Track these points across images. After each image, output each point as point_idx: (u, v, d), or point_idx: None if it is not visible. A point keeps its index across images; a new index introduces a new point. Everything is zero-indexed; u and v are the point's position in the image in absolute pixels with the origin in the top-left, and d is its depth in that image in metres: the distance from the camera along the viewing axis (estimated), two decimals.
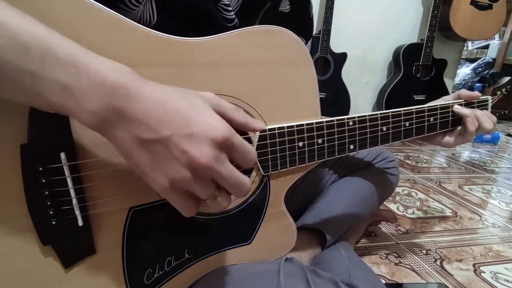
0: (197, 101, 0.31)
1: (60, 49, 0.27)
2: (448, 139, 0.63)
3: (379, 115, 0.53)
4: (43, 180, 0.32)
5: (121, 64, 0.29)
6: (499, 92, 0.67)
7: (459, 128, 0.62)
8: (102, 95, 0.27)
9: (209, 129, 0.29)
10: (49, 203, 0.33)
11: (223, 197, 0.32)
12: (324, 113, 0.50)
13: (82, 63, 0.27)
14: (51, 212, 0.33)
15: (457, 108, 0.60)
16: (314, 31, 1.89)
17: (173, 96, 0.30)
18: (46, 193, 0.33)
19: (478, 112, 0.60)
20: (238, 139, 0.31)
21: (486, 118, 0.60)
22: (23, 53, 0.25)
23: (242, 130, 0.35)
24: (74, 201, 0.34)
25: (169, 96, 0.30)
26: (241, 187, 0.31)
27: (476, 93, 0.61)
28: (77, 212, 0.34)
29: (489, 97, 0.64)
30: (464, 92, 0.62)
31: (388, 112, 0.54)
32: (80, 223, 0.35)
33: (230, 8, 0.47)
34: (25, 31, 0.26)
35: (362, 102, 2.20)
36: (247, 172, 0.46)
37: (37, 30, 0.26)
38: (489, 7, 2.01)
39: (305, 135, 0.47)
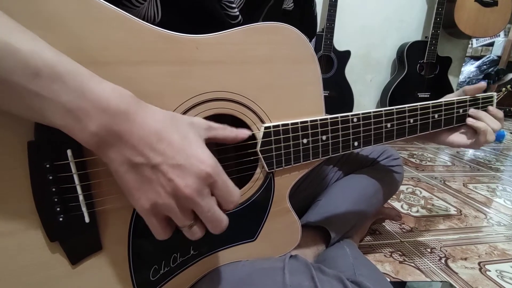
0: (191, 133, 0.33)
1: (69, 76, 0.28)
2: (453, 139, 0.62)
3: (383, 112, 0.53)
4: (50, 177, 0.33)
5: (123, 88, 0.31)
6: (504, 89, 0.66)
7: (466, 131, 0.62)
8: (104, 118, 0.29)
9: (197, 163, 0.31)
10: (56, 199, 0.33)
11: (198, 228, 0.34)
12: (327, 111, 0.50)
13: (87, 88, 0.29)
14: (58, 209, 0.33)
15: (471, 122, 0.60)
16: (318, 29, 1.89)
17: (168, 126, 0.32)
18: (53, 189, 0.33)
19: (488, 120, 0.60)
20: (222, 177, 0.33)
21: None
22: (31, 77, 0.27)
23: (235, 143, 0.39)
24: (81, 197, 0.34)
25: (166, 125, 0.32)
26: (216, 224, 0.34)
27: (481, 83, 0.61)
28: (84, 209, 0.35)
29: (494, 94, 0.64)
30: (468, 87, 0.62)
31: (393, 109, 0.53)
32: (87, 219, 0.35)
33: (234, 5, 0.48)
34: (35, 56, 0.27)
35: (366, 100, 2.19)
36: (250, 169, 0.46)
37: (47, 55, 0.28)
38: (494, 4, 1.99)
39: (309, 131, 0.47)
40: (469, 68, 3.46)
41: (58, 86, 0.28)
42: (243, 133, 0.40)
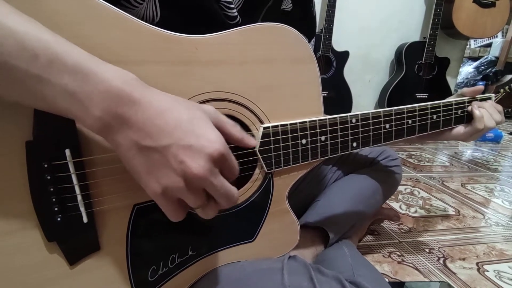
0: (198, 113, 0.32)
1: (67, 56, 0.27)
2: (454, 132, 0.63)
3: (382, 113, 0.53)
4: (48, 177, 0.33)
5: (127, 71, 0.30)
6: (502, 90, 0.67)
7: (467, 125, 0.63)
8: (107, 101, 0.28)
9: (207, 143, 0.30)
10: (54, 199, 0.33)
11: (211, 207, 0.34)
12: (326, 111, 0.50)
13: (89, 70, 0.28)
14: (56, 209, 0.33)
15: (474, 107, 0.61)
16: (316, 30, 1.89)
17: (176, 107, 0.31)
18: (51, 189, 0.33)
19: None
20: (231, 156, 0.33)
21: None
22: (31, 59, 0.26)
23: (237, 144, 0.39)
24: (79, 197, 0.34)
25: (172, 106, 0.31)
26: (230, 198, 0.34)
27: (478, 87, 0.62)
28: (82, 209, 0.35)
29: (492, 95, 0.64)
30: (467, 89, 0.62)
31: (391, 110, 0.54)
32: (85, 219, 0.35)
33: (232, 6, 0.48)
34: (33, 37, 0.26)
35: (364, 101, 2.20)
36: (249, 170, 0.46)
37: (45, 36, 0.27)
38: (492, 4, 2.00)
39: (308, 132, 0.47)
40: (467, 69, 3.48)
41: (57, 67, 0.27)
42: (251, 141, 0.39)
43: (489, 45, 3.37)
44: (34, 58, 0.26)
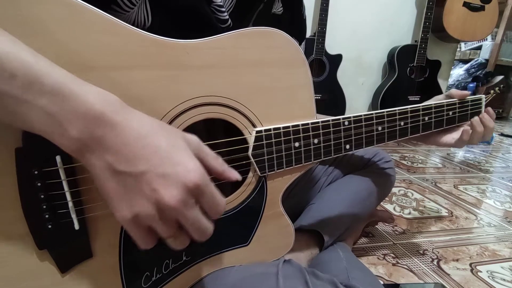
0: (178, 141, 0.31)
1: (48, 77, 0.27)
2: (447, 139, 0.63)
3: (374, 115, 0.53)
4: (39, 184, 0.32)
5: (108, 92, 0.30)
6: (492, 91, 0.67)
7: (461, 129, 0.63)
8: (86, 123, 0.28)
9: (183, 172, 0.29)
10: (44, 206, 0.33)
11: (183, 238, 0.33)
12: (320, 114, 0.50)
13: (68, 91, 0.27)
14: (47, 216, 0.33)
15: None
16: (309, 33, 1.90)
17: (156, 132, 0.30)
18: (42, 196, 0.32)
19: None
20: (210, 188, 0.31)
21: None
22: (9, 79, 0.26)
23: (218, 178, 0.36)
24: (70, 204, 0.34)
25: (152, 131, 0.30)
26: (202, 233, 0.32)
27: (465, 92, 0.62)
28: (73, 216, 0.34)
29: (483, 96, 0.65)
30: (455, 91, 0.63)
31: (383, 112, 0.54)
32: (77, 226, 0.35)
33: (223, 9, 0.48)
34: (12, 57, 0.26)
35: (357, 103, 2.21)
36: (242, 173, 0.46)
37: (25, 57, 0.27)
38: (482, 8, 2.03)
39: (301, 135, 0.47)
40: (458, 71, 3.52)
41: (35, 88, 0.26)
42: (233, 174, 0.36)
43: (479, 48, 3.42)
44: (12, 78, 0.26)
